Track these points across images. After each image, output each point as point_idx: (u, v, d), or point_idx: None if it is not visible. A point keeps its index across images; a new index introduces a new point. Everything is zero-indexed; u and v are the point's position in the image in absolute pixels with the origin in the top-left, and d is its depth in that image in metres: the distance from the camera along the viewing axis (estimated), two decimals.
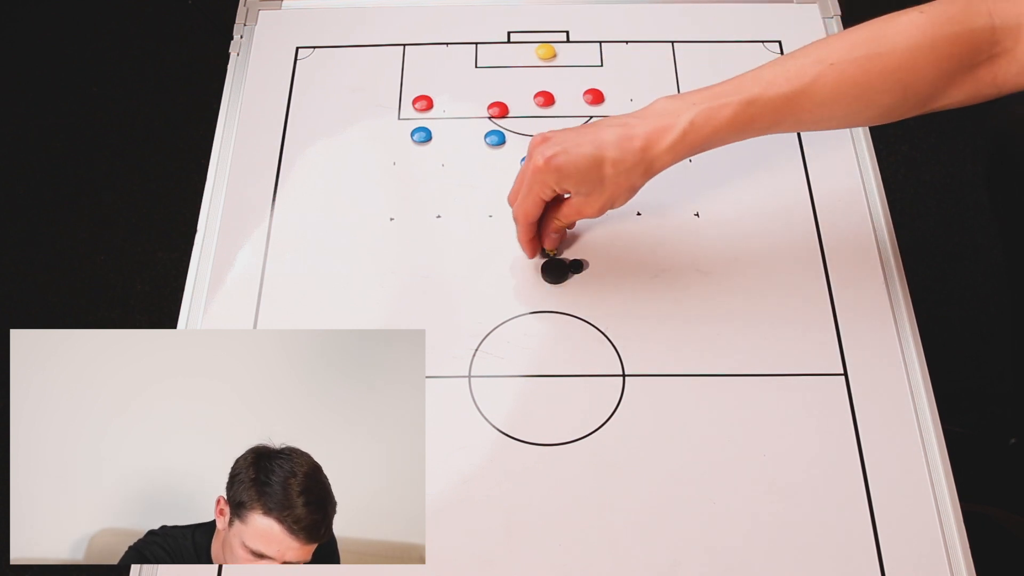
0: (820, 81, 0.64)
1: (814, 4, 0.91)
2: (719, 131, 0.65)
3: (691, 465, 0.66)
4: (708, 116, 0.64)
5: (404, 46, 0.89)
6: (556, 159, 0.65)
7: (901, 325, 0.72)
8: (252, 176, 0.81)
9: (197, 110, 1.28)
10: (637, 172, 0.66)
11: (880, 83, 0.64)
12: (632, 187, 0.68)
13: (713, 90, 0.66)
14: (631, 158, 0.65)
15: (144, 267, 1.61)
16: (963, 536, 0.63)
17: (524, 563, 0.62)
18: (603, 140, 0.65)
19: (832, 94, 0.64)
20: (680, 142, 0.65)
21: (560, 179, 0.66)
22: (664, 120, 0.65)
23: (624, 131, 0.65)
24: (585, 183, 0.67)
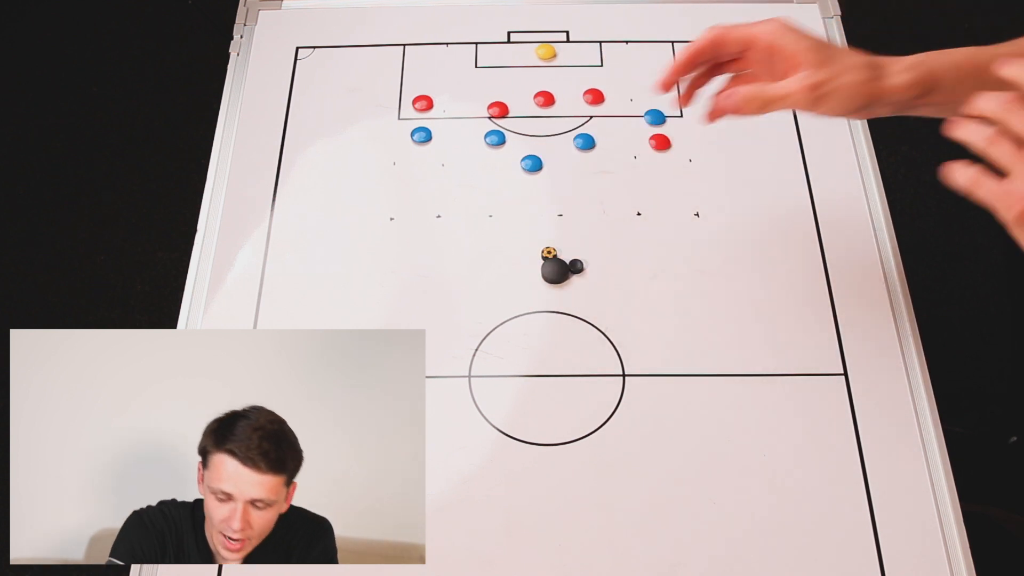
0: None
1: (814, 4, 0.91)
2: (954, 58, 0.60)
3: (691, 465, 0.66)
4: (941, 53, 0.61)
5: (404, 46, 0.89)
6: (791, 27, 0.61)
7: (901, 325, 0.72)
8: (252, 176, 0.81)
9: (197, 110, 1.28)
10: (864, 74, 0.60)
11: None
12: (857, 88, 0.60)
13: None
14: (861, 59, 0.60)
15: (144, 267, 1.61)
16: (963, 536, 0.63)
17: (524, 563, 0.62)
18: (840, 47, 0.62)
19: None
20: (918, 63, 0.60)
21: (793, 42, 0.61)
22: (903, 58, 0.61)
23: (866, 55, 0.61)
24: (813, 52, 0.60)
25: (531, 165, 0.81)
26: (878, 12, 1.85)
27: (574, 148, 0.82)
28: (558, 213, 0.78)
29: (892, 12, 1.87)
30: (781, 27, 0.62)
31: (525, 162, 0.81)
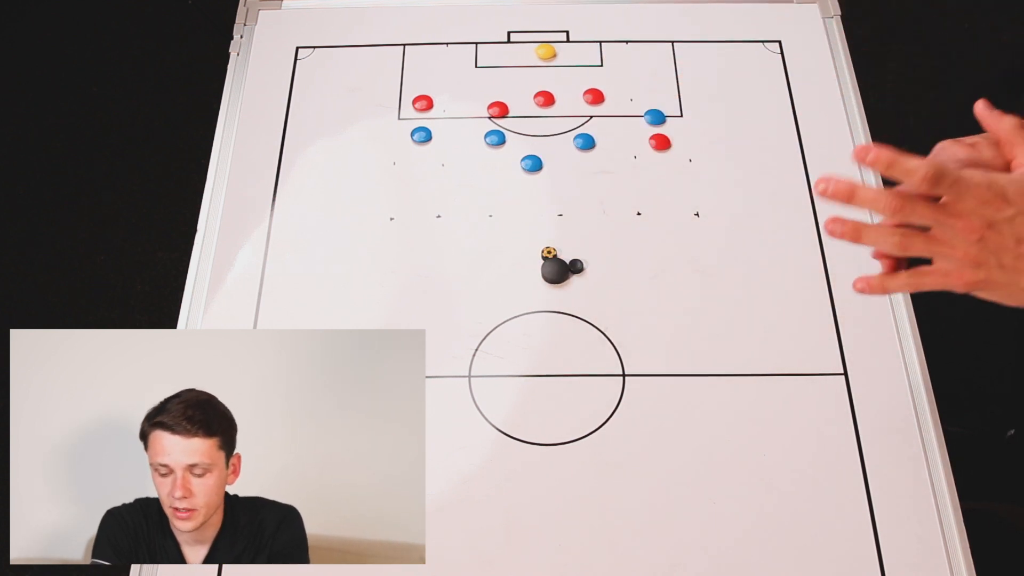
0: None
1: (814, 4, 0.91)
2: None
3: (691, 465, 0.66)
4: None
5: (404, 46, 0.89)
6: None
7: (901, 325, 0.72)
8: (252, 176, 0.81)
9: (197, 110, 1.28)
10: None
11: None
12: None
13: None
14: None
15: (144, 267, 1.61)
16: (963, 535, 0.63)
17: (524, 563, 0.62)
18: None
19: None
20: None
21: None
22: None
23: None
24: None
25: (531, 165, 0.81)
26: (878, 12, 1.85)
27: (574, 148, 0.82)
28: (558, 213, 0.78)
29: (892, 12, 1.87)
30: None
31: (525, 162, 0.81)
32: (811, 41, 0.88)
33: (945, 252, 0.54)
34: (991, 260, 0.53)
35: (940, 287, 0.55)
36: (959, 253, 0.53)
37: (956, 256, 0.54)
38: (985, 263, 0.54)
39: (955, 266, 0.54)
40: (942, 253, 0.54)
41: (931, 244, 0.54)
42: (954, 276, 0.54)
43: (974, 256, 0.53)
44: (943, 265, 0.54)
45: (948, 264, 0.54)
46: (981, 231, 0.53)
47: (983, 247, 0.53)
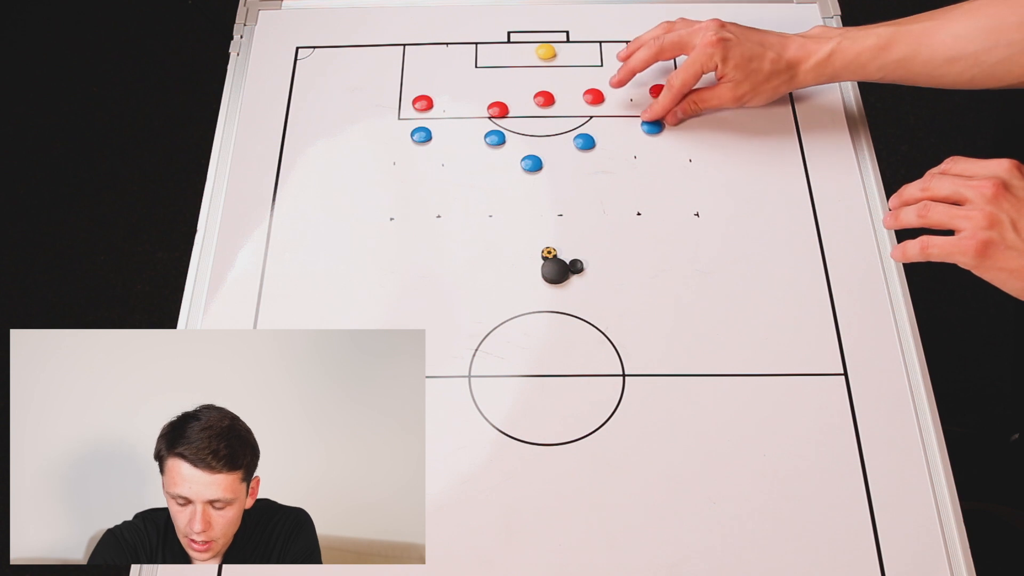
0: (954, 14, 0.71)
1: (814, 4, 0.91)
2: (860, 55, 0.73)
3: (691, 465, 0.66)
4: (853, 41, 0.74)
5: (404, 46, 0.89)
6: (727, 41, 0.75)
7: (901, 325, 0.72)
8: (252, 176, 0.81)
9: (197, 110, 1.28)
10: (782, 78, 0.77)
11: (1010, 16, 0.68)
12: (773, 90, 0.77)
13: (866, 25, 0.75)
14: (783, 62, 0.76)
15: (144, 267, 1.61)
16: (963, 535, 0.63)
17: (524, 563, 0.62)
18: (766, 41, 0.76)
19: (964, 26, 0.70)
20: (824, 62, 0.75)
21: (724, 58, 0.75)
22: (816, 42, 0.75)
23: (783, 40, 0.76)
24: (739, 69, 0.76)
25: (531, 165, 0.81)
26: (878, 12, 1.85)
27: (574, 148, 0.82)
28: (558, 213, 0.78)
29: (892, 12, 1.87)
30: (710, 44, 0.75)
31: (525, 162, 0.81)
32: None
33: (961, 215, 0.60)
34: (1004, 221, 0.59)
35: (954, 251, 0.60)
36: (974, 213, 0.60)
37: (971, 217, 0.60)
38: (999, 224, 0.59)
39: (970, 229, 0.59)
40: (958, 216, 0.60)
41: (950, 209, 0.61)
42: (967, 238, 0.59)
43: (988, 214, 0.59)
44: (960, 228, 0.60)
45: (964, 225, 0.60)
46: (996, 188, 0.59)
47: (998, 206, 0.59)
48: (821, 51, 0.74)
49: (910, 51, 0.72)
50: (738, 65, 0.75)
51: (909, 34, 0.72)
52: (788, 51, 0.75)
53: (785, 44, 0.76)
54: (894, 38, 0.72)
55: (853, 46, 0.73)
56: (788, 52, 0.75)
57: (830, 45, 0.74)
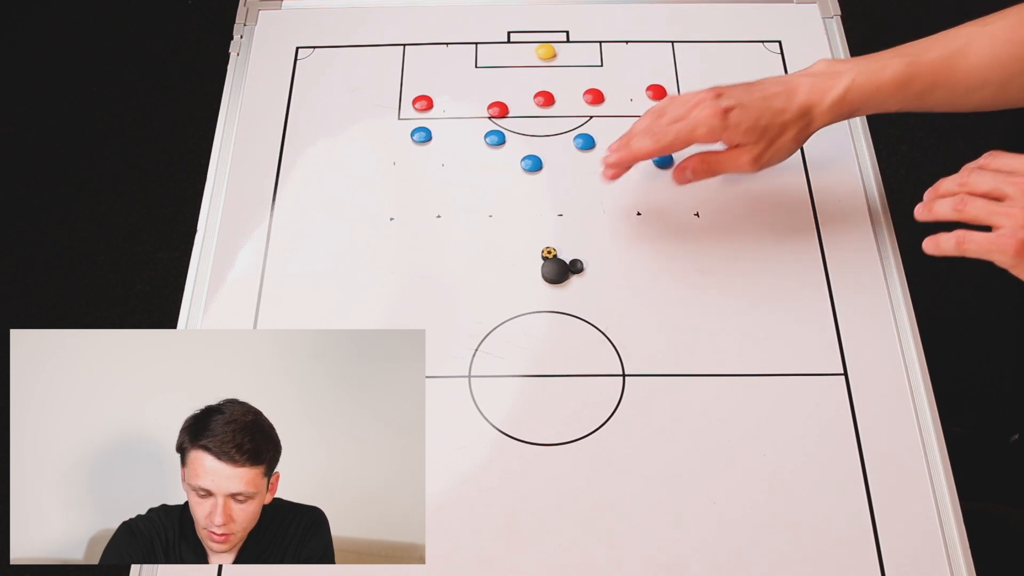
0: (976, 42, 0.66)
1: (814, 4, 0.91)
2: (879, 91, 0.67)
3: (691, 465, 0.66)
4: (869, 76, 0.67)
5: (404, 46, 0.89)
6: (732, 113, 0.67)
7: (901, 325, 0.72)
8: (252, 176, 0.81)
9: (197, 110, 1.28)
10: (799, 126, 0.68)
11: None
12: (793, 142, 0.69)
13: (873, 55, 0.68)
14: (793, 114, 0.68)
15: (144, 267, 1.61)
16: (963, 535, 0.63)
17: (524, 563, 0.62)
18: (771, 93, 0.68)
19: (987, 55, 0.66)
20: (841, 101, 0.67)
21: (731, 131, 0.68)
22: (826, 79, 0.68)
23: (788, 87, 0.68)
24: (752, 134, 0.68)
25: (531, 165, 0.81)
26: (878, 12, 1.85)
27: (574, 148, 0.82)
28: (558, 213, 0.78)
29: (892, 12, 1.87)
30: (712, 115, 0.67)
31: (525, 162, 0.81)
32: (811, 41, 0.88)
33: (1001, 211, 0.58)
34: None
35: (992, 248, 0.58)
36: (1015, 211, 0.57)
37: (1012, 214, 0.57)
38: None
39: (1010, 227, 0.57)
40: (998, 212, 0.58)
41: (988, 204, 0.59)
42: (1007, 236, 0.57)
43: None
44: (999, 225, 0.58)
45: (1003, 222, 0.58)
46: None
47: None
48: (835, 89, 0.67)
49: (930, 85, 0.67)
50: (749, 129, 0.67)
51: (928, 67, 0.66)
52: (797, 97, 0.68)
53: (792, 90, 0.68)
54: (913, 72, 0.67)
55: (869, 82, 0.67)
56: (798, 98, 0.68)
57: (844, 82, 0.67)
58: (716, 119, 0.67)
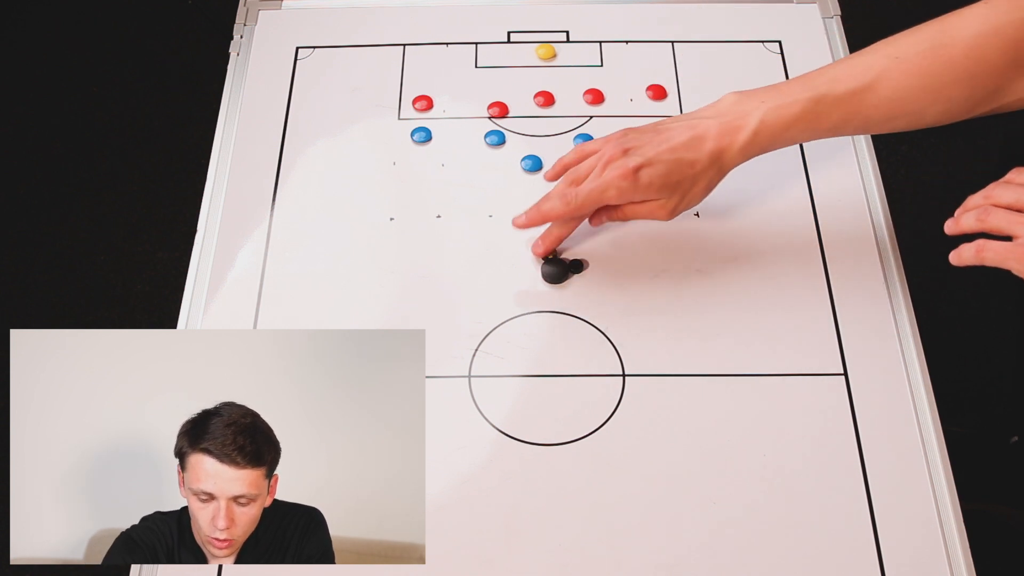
0: (886, 75, 0.65)
1: (814, 4, 0.91)
2: (788, 129, 0.66)
3: (691, 465, 0.66)
4: (777, 115, 0.65)
5: (404, 46, 0.89)
6: (642, 172, 0.66)
7: (901, 325, 0.72)
8: (252, 176, 0.81)
9: (197, 110, 1.28)
10: (710, 173, 0.68)
11: (947, 74, 0.64)
12: (707, 187, 0.69)
13: (780, 88, 0.67)
14: (705, 161, 0.67)
15: (144, 267, 1.61)
16: (963, 536, 0.63)
17: (524, 563, 0.62)
18: (679, 143, 0.66)
19: (899, 88, 0.65)
20: (751, 143, 0.66)
21: (643, 191, 0.67)
22: (734, 120, 0.66)
23: (696, 133, 0.67)
24: (665, 189, 0.67)
25: (531, 165, 0.81)
26: (878, 12, 1.85)
27: None
28: None
29: (892, 12, 1.87)
30: (621, 177, 0.66)
31: (525, 162, 0.81)
32: (811, 41, 0.88)
33: (1021, 221, 0.58)
34: None
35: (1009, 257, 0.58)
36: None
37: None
38: None
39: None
40: (1017, 222, 0.58)
41: (1010, 214, 0.59)
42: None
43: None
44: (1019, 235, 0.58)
45: (1023, 232, 0.58)
46: None
47: None
48: (744, 132, 0.66)
49: (841, 121, 0.66)
50: (661, 188, 0.67)
51: (837, 103, 0.65)
52: (706, 144, 0.66)
53: (700, 137, 0.66)
54: (820, 111, 0.65)
55: (777, 121, 0.65)
56: (707, 145, 0.66)
57: (752, 124, 0.65)
58: (626, 181, 0.66)
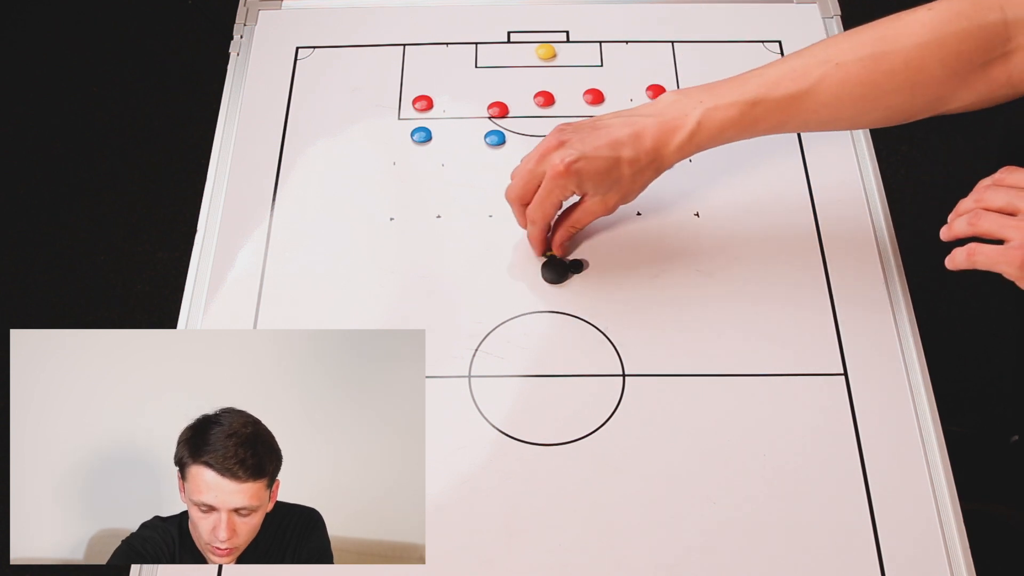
0: (825, 82, 0.65)
1: (814, 4, 0.91)
2: (725, 131, 0.67)
3: (691, 465, 0.66)
4: (714, 116, 0.66)
5: (404, 46, 0.89)
6: (577, 165, 0.67)
7: (901, 325, 0.72)
8: (252, 176, 0.81)
9: (197, 110, 1.28)
10: (649, 170, 0.69)
11: (887, 83, 0.64)
12: (644, 184, 0.70)
13: (719, 89, 0.67)
14: (644, 158, 0.68)
15: (144, 267, 1.61)
16: (963, 536, 0.63)
17: (524, 563, 0.62)
18: (617, 140, 0.67)
19: (837, 95, 0.65)
20: (688, 142, 0.67)
21: (580, 183, 0.68)
22: (672, 119, 0.67)
23: (635, 130, 0.67)
24: (603, 184, 0.69)
25: None
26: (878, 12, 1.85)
27: None
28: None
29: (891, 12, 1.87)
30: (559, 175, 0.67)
31: None
32: (811, 41, 0.87)
33: (1012, 225, 0.57)
34: None
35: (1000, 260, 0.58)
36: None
37: (1022, 228, 0.57)
38: None
39: (1019, 239, 0.57)
40: (1008, 225, 0.58)
41: (1000, 218, 0.58)
42: (1015, 249, 0.57)
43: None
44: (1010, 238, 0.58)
45: (1013, 235, 0.57)
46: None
47: None
48: (682, 131, 0.66)
49: (779, 122, 0.66)
50: (598, 183, 0.68)
51: (775, 106, 0.65)
52: (645, 141, 0.67)
53: (640, 133, 0.67)
54: (758, 113, 0.66)
55: (715, 122, 0.66)
56: (645, 142, 0.67)
57: (690, 124, 0.66)
58: (561, 176, 0.67)
